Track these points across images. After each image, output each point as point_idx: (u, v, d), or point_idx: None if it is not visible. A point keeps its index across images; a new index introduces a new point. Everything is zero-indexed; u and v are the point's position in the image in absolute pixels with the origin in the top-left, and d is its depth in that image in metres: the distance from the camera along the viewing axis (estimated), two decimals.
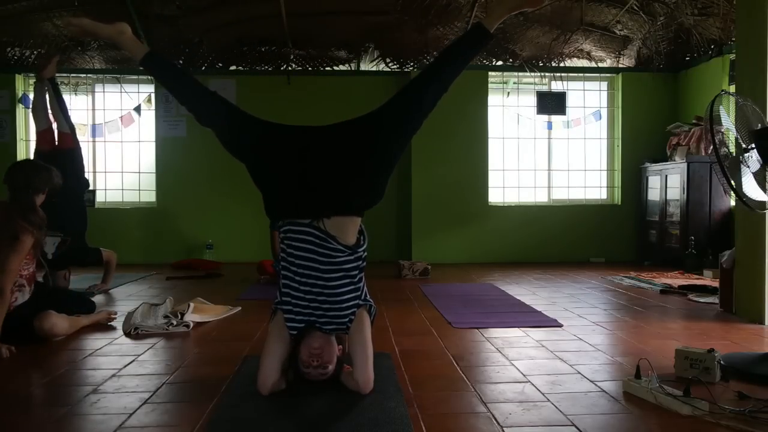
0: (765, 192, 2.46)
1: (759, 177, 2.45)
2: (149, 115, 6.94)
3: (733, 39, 5.43)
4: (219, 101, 2.27)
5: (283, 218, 2.23)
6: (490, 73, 7.00)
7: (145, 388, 2.22)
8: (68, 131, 4.51)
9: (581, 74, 7.15)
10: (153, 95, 6.92)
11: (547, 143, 7.21)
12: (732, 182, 2.42)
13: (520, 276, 5.59)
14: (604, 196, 7.26)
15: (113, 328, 3.29)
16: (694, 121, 6.31)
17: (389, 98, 2.28)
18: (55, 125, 4.54)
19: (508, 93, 7.15)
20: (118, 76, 6.93)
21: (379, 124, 2.22)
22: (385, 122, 2.22)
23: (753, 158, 2.44)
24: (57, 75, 6.74)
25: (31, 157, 4.97)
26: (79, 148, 4.59)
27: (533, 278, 5.42)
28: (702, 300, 4.14)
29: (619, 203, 7.07)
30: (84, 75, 6.94)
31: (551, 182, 7.23)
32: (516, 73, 7.09)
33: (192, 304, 3.50)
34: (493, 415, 1.93)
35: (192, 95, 2.30)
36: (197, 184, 6.88)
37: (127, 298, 4.34)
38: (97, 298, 4.34)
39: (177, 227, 6.86)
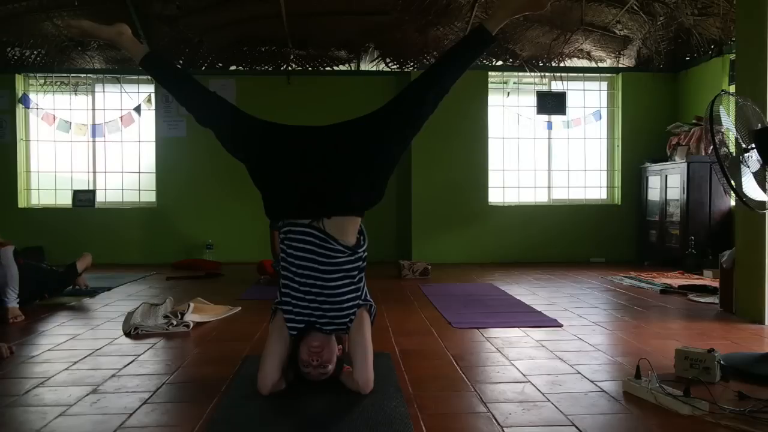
0: (765, 192, 2.46)
1: (759, 177, 2.45)
2: (149, 115, 6.94)
3: (733, 39, 5.42)
4: (219, 102, 2.28)
5: (283, 219, 2.23)
6: (490, 73, 7.00)
7: (145, 388, 2.22)
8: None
9: (581, 74, 7.15)
10: (153, 95, 6.92)
11: (547, 143, 7.21)
12: (732, 182, 2.43)
13: (520, 276, 5.59)
14: (604, 196, 7.26)
15: (113, 328, 3.29)
16: (694, 121, 6.30)
17: (390, 99, 2.28)
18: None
19: (508, 93, 7.15)
20: (118, 76, 6.93)
21: (379, 124, 2.22)
22: (386, 123, 2.22)
23: (753, 158, 2.44)
24: (56, 75, 6.82)
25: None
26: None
27: (533, 278, 5.42)
28: (702, 300, 4.14)
29: (619, 203, 7.07)
30: (84, 75, 6.93)
31: (551, 182, 7.22)
32: (516, 73, 7.09)
33: (192, 304, 3.50)
34: (493, 415, 1.93)
35: (192, 96, 2.30)
36: (197, 184, 6.87)
37: (127, 298, 4.34)
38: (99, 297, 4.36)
39: (177, 227, 6.86)
